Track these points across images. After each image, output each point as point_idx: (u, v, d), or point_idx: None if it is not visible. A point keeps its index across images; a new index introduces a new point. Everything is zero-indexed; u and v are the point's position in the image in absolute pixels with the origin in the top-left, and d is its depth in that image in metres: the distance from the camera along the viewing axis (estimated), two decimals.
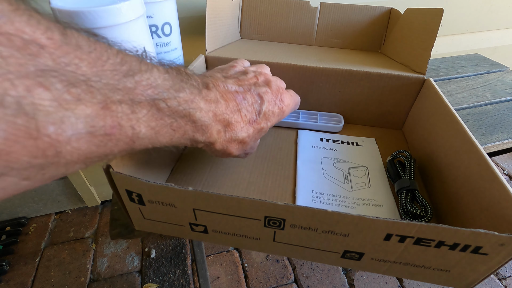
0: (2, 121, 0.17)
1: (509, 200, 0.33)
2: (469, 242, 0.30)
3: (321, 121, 0.63)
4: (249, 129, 0.40)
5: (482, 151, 0.39)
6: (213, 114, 0.35)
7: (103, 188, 1.33)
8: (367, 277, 1.16)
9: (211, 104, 0.35)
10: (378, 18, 0.74)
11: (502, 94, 0.83)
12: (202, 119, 0.33)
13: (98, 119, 0.22)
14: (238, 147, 0.40)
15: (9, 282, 1.11)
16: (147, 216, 0.40)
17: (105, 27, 0.43)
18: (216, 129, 0.36)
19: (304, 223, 0.33)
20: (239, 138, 0.39)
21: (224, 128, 0.37)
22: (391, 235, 0.32)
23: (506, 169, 1.57)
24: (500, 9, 1.17)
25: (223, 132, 0.37)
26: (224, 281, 1.14)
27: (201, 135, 0.34)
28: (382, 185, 0.51)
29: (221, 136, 0.37)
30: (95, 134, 0.22)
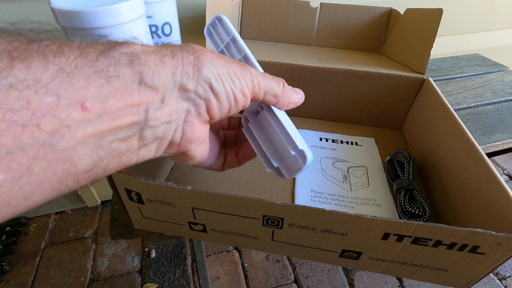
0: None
1: (507, 200, 0.33)
2: (467, 242, 0.30)
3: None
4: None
5: (480, 151, 0.39)
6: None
7: (103, 188, 1.33)
8: (367, 277, 1.16)
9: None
10: (378, 19, 0.74)
11: (502, 94, 0.83)
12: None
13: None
14: (197, 56, 0.28)
15: (9, 282, 1.11)
16: (146, 215, 0.40)
17: (105, 27, 0.43)
18: (131, 42, 0.26)
19: (302, 222, 0.33)
20: (180, 49, 0.28)
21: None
22: (389, 234, 0.32)
23: (506, 169, 1.57)
24: (500, 9, 1.17)
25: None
26: (224, 281, 1.14)
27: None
28: (381, 185, 0.51)
29: (147, 48, 0.26)
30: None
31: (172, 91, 0.26)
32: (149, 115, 0.24)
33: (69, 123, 0.19)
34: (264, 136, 0.38)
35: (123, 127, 0.23)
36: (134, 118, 0.23)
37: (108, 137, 0.22)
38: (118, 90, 0.22)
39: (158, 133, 0.26)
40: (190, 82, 0.27)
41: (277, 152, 0.37)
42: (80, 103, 0.20)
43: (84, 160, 0.21)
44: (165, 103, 0.25)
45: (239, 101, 0.31)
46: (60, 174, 0.20)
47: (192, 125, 0.28)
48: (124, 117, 0.22)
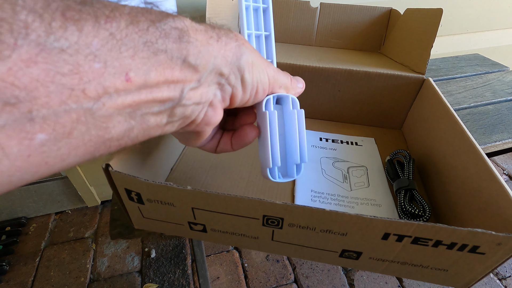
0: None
1: (507, 200, 0.33)
2: (467, 242, 0.30)
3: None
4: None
5: (480, 151, 0.39)
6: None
7: (103, 188, 1.33)
8: (367, 277, 1.16)
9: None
10: (378, 19, 0.75)
11: (502, 94, 0.83)
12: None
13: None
14: (238, 45, 0.28)
15: (9, 282, 1.11)
16: (146, 215, 0.40)
17: None
18: (182, 16, 0.25)
19: (302, 222, 0.33)
20: (224, 33, 0.28)
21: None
22: (388, 234, 0.32)
23: (506, 169, 1.57)
24: (500, 9, 1.17)
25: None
26: (224, 281, 1.14)
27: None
28: (381, 185, 0.51)
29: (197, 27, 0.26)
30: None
31: (210, 73, 0.26)
32: (184, 93, 0.24)
33: (111, 92, 0.19)
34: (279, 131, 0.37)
35: (158, 102, 0.23)
36: (170, 94, 0.23)
37: (143, 108, 0.22)
38: (162, 64, 0.22)
39: (187, 113, 0.26)
40: (226, 67, 0.27)
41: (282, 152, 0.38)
42: (125, 73, 0.20)
43: (118, 128, 0.21)
44: (200, 83, 0.25)
45: (259, 95, 0.32)
46: (95, 140, 0.20)
47: (215, 109, 0.29)
48: (161, 92, 0.23)
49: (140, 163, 0.41)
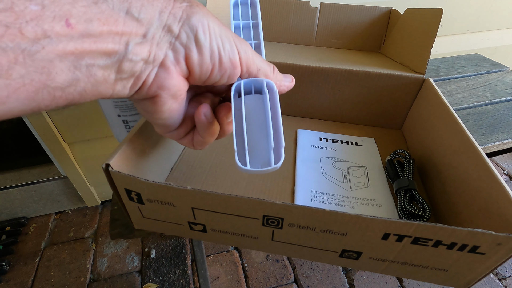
0: None
1: (506, 200, 0.33)
2: (467, 242, 0.30)
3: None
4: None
5: (480, 151, 0.39)
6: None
7: (103, 188, 1.33)
8: (367, 277, 1.16)
9: None
10: (378, 19, 0.75)
11: (502, 94, 0.83)
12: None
13: None
14: (190, 5, 0.28)
15: (9, 282, 1.11)
16: (146, 215, 0.40)
17: None
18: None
19: (302, 222, 0.33)
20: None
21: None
22: (388, 234, 0.32)
23: (506, 169, 1.57)
24: (500, 9, 1.17)
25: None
26: (224, 281, 1.14)
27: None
28: (381, 185, 0.51)
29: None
30: None
31: (156, 29, 0.25)
32: (129, 47, 0.24)
33: (51, 35, 0.19)
34: (251, 117, 0.36)
35: (102, 53, 0.22)
36: (115, 47, 0.23)
37: (87, 59, 0.22)
38: (103, 14, 0.22)
39: (135, 69, 0.25)
40: (175, 25, 0.26)
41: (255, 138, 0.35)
42: (65, 18, 0.20)
43: (61, 76, 0.21)
44: (146, 39, 0.25)
45: (224, 65, 0.30)
46: (37, 85, 0.20)
47: (167, 70, 0.27)
48: (105, 43, 0.22)
49: (140, 163, 0.41)
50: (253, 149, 0.34)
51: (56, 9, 0.19)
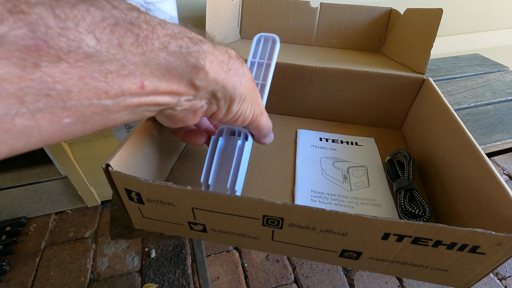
0: None
1: (506, 200, 0.33)
2: (467, 242, 0.30)
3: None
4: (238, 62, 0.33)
5: (480, 151, 0.39)
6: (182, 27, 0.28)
7: (103, 188, 1.33)
8: (367, 277, 1.16)
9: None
10: (378, 19, 0.75)
11: (502, 94, 0.83)
12: (173, 24, 0.26)
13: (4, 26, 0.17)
14: (241, 65, 0.33)
15: (9, 282, 1.11)
16: (146, 215, 0.40)
17: None
18: (201, 36, 0.29)
19: (302, 222, 0.33)
20: (233, 52, 0.33)
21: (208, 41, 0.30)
22: (388, 234, 0.32)
23: (506, 169, 1.57)
24: (500, 9, 1.17)
25: (212, 43, 0.30)
26: (224, 281, 1.14)
27: (189, 40, 0.27)
28: (381, 185, 0.51)
29: (213, 45, 0.30)
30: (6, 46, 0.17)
31: (206, 93, 0.29)
32: (180, 102, 0.28)
33: (127, 94, 0.23)
34: (222, 156, 0.44)
35: (158, 105, 0.26)
36: (169, 101, 0.27)
37: (145, 107, 0.26)
38: (172, 79, 0.26)
39: (174, 113, 0.30)
40: (221, 93, 0.31)
41: (219, 175, 0.43)
42: (141, 81, 0.24)
43: (121, 119, 0.25)
44: (195, 98, 0.29)
45: (237, 122, 0.36)
46: (101, 125, 0.24)
47: (195, 115, 0.32)
48: (163, 98, 0.26)
49: (140, 163, 0.41)
50: (215, 180, 0.43)
51: (138, 74, 0.23)
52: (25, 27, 0.17)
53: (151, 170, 0.45)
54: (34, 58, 0.18)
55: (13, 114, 0.18)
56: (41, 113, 0.19)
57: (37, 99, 0.19)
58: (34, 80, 0.18)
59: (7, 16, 0.16)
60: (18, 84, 0.18)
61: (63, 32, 0.19)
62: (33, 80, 0.18)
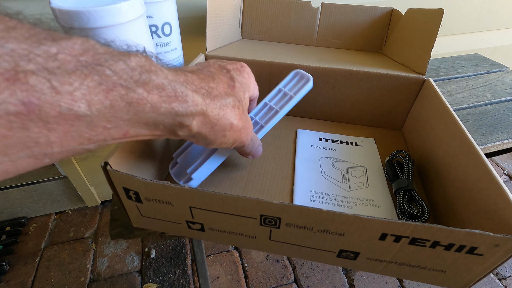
0: None
1: (505, 201, 0.33)
2: (464, 243, 0.30)
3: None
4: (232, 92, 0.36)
5: (479, 152, 0.39)
6: (184, 80, 0.29)
7: (103, 188, 1.33)
8: (367, 277, 1.16)
9: (177, 72, 0.30)
10: (379, 19, 0.74)
11: (502, 94, 0.83)
12: (172, 85, 0.27)
13: (2, 94, 0.17)
14: (235, 113, 0.35)
15: (9, 282, 1.11)
16: (145, 213, 0.40)
17: (105, 27, 0.43)
18: (199, 95, 0.30)
19: (299, 222, 0.33)
20: (229, 102, 0.34)
21: (207, 93, 0.32)
22: (386, 234, 0.32)
23: (506, 169, 1.57)
24: (500, 9, 1.16)
25: (209, 98, 0.32)
26: (224, 281, 1.14)
27: (181, 104, 0.28)
28: (380, 185, 0.51)
29: (208, 102, 0.31)
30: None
31: (187, 136, 0.33)
32: (160, 136, 0.31)
33: (109, 140, 0.25)
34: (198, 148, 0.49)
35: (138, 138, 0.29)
36: (150, 137, 0.30)
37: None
38: (156, 129, 0.28)
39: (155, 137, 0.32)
40: (202, 139, 0.34)
41: (188, 158, 0.48)
42: (126, 130, 0.26)
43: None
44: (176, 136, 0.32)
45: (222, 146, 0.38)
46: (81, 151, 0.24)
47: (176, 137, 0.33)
48: (145, 136, 0.29)
49: (139, 161, 0.41)
50: (182, 160, 0.48)
51: (124, 127, 0.25)
52: (19, 94, 0.18)
53: (149, 169, 0.45)
54: (22, 122, 0.19)
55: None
56: (22, 159, 0.20)
57: (19, 150, 0.19)
58: (20, 138, 0.19)
59: (4, 85, 0.17)
60: (3, 142, 0.18)
61: (56, 99, 0.19)
62: (19, 138, 0.19)
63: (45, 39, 0.20)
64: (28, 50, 0.19)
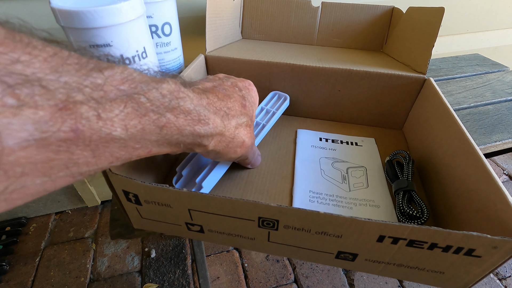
0: None
1: (504, 203, 0.33)
2: (462, 245, 0.30)
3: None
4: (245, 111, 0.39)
5: (479, 153, 0.39)
6: (207, 103, 0.33)
7: (103, 188, 1.33)
8: (367, 277, 1.16)
9: (201, 95, 0.33)
10: (380, 17, 0.74)
11: (502, 94, 0.83)
12: (197, 109, 0.30)
13: (52, 122, 0.19)
14: (246, 131, 0.39)
15: (9, 282, 1.11)
16: (144, 215, 0.40)
17: (105, 27, 0.43)
18: (219, 117, 0.34)
19: (297, 224, 0.33)
20: (243, 122, 0.39)
21: (225, 114, 0.35)
22: (384, 237, 0.32)
23: (506, 169, 1.57)
24: (500, 9, 1.16)
25: (227, 119, 0.35)
26: (224, 281, 1.14)
27: (203, 127, 0.31)
28: (380, 186, 0.51)
29: (227, 123, 0.35)
30: (49, 140, 0.19)
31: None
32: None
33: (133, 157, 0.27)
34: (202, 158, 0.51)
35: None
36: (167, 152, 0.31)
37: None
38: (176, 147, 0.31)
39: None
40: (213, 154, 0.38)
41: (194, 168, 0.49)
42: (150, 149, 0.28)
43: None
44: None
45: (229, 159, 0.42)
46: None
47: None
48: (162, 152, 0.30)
49: (139, 164, 0.41)
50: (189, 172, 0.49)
51: (149, 145, 0.27)
52: (68, 122, 0.20)
53: (150, 171, 0.45)
54: (68, 146, 0.20)
55: (38, 183, 0.20)
56: (61, 178, 0.22)
57: (60, 171, 0.21)
58: (63, 160, 0.21)
59: (57, 114, 0.19)
60: (48, 164, 0.20)
61: (99, 125, 0.22)
62: (62, 160, 0.21)
63: (92, 71, 0.22)
64: (79, 82, 0.21)
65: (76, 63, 0.21)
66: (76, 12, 0.41)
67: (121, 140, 0.24)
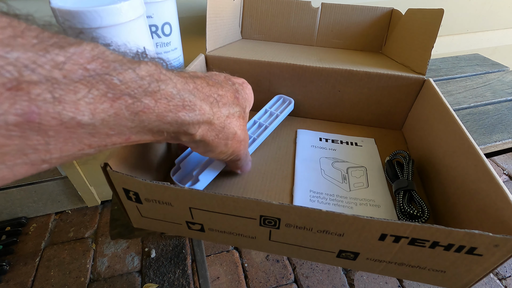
0: None
1: (505, 202, 0.33)
2: (464, 243, 0.30)
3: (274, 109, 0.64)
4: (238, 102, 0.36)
5: (479, 152, 0.39)
6: (194, 87, 0.30)
7: (103, 188, 1.33)
8: (367, 277, 1.16)
9: (187, 79, 0.29)
10: (380, 19, 0.74)
11: (502, 94, 0.83)
12: (181, 94, 0.27)
13: (2, 105, 0.17)
14: (239, 123, 0.36)
15: (9, 282, 1.11)
16: (145, 214, 0.40)
17: (105, 27, 0.43)
18: (207, 103, 0.31)
19: (299, 223, 0.33)
20: (236, 111, 0.36)
21: (215, 101, 0.32)
22: (385, 235, 0.32)
23: (506, 169, 1.57)
24: (500, 9, 1.16)
25: (217, 107, 0.32)
26: (224, 281, 1.14)
27: (188, 113, 0.28)
28: (380, 186, 0.51)
29: (216, 111, 0.32)
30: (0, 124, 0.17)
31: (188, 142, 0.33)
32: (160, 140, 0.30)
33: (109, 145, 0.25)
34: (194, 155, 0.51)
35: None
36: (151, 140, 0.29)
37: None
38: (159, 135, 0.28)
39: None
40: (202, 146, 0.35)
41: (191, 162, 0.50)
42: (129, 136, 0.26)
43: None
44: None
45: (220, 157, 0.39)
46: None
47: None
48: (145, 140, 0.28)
49: (139, 162, 0.41)
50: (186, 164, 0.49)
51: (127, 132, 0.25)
52: (19, 105, 0.17)
53: (150, 169, 0.45)
54: (21, 131, 0.18)
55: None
56: (20, 165, 0.19)
57: (17, 158, 0.19)
58: (18, 146, 0.18)
59: (5, 95, 0.17)
60: (0, 150, 0.18)
61: (58, 108, 0.19)
62: (17, 146, 0.18)
63: (52, 46, 0.19)
64: (33, 59, 0.18)
65: (35, 36, 0.19)
66: (76, 12, 0.41)
67: (89, 126, 0.21)
